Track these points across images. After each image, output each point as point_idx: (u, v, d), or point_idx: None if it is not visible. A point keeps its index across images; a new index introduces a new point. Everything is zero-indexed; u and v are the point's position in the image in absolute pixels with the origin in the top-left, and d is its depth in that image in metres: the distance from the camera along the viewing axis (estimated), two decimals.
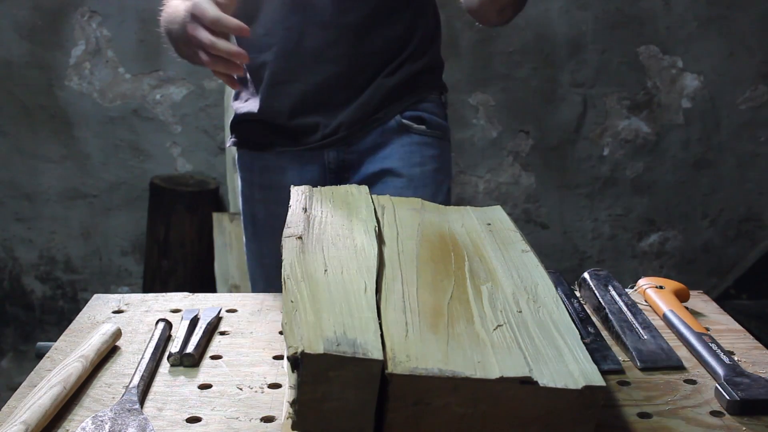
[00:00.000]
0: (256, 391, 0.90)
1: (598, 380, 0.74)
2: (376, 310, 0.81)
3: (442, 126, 1.55)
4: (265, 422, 0.84)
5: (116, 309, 1.13)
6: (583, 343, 0.81)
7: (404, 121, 1.50)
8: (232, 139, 1.62)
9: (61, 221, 3.10)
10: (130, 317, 1.10)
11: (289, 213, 1.08)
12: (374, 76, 1.48)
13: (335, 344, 0.72)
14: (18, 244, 3.12)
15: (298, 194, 1.15)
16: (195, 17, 1.21)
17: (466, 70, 3.01)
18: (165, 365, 0.96)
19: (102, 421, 0.81)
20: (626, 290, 1.17)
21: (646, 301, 1.17)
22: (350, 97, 1.48)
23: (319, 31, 1.43)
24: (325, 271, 0.89)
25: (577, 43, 3.02)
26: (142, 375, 0.90)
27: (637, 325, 1.05)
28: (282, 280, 0.89)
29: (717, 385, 0.90)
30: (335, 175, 1.51)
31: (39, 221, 3.10)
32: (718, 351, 0.97)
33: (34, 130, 3.00)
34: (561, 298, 0.91)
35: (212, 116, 3.02)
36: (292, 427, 0.73)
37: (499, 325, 0.82)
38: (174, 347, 0.98)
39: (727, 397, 0.87)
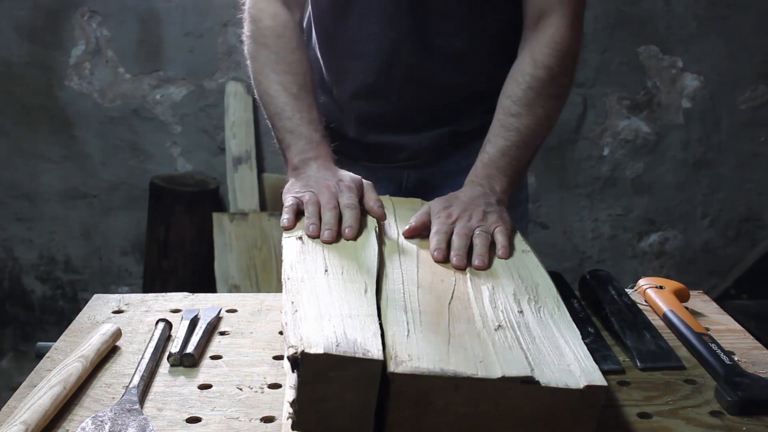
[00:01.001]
0: (256, 391, 0.90)
1: (599, 380, 0.74)
2: (376, 310, 0.81)
3: None
4: (265, 422, 0.84)
5: (116, 309, 1.13)
6: (584, 343, 0.81)
7: None
8: None
9: (61, 221, 3.10)
10: (130, 317, 1.10)
11: None
12: (467, 104, 1.38)
13: (335, 344, 0.72)
14: (18, 244, 3.12)
15: None
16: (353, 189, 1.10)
17: None
18: (165, 365, 0.96)
19: (102, 421, 0.81)
20: (626, 290, 1.17)
21: (646, 301, 1.17)
22: (435, 120, 1.39)
23: (414, 52, 1.32)
24: (325, 271, 0.89)
25: None
26: (142, 375, 0.90)
27: (637, 325, 1.05)
28: (282, 280, 0.89)
29: (717, 385, 0.90)
30: (411, 194, 1.39)
31: (39, 221, 3.09)
32: (718, 351, 0.97)
33: (34, 130, 3.00)
34: (561, 298, 0.91)
35: (212, 116, 3.02)
36: (292, 427, 0.73)
37: (500, 325, 0.82)
38: (174, 347, 0.97)
39: (727, 397, 0.87)
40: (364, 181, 1.14)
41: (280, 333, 1.04)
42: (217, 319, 1.08)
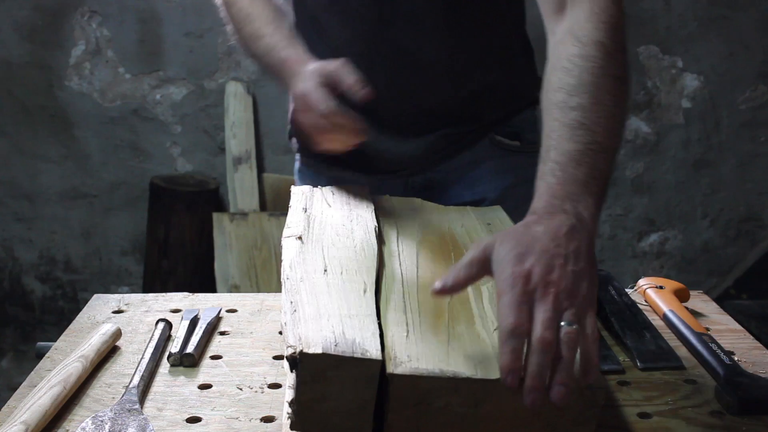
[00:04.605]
0: (256, 391, 0.90)
1: (599, 380, 0.74)
2: (375, 311, 0.81)
3: (537, 140, 1.41)
4: (265, 422, 0.84)
5: (116, 309, 1.13)
6: None
7: (497, 137, 1.35)
8: (297, 144, 1.45)
9: (61, 221, 3.10)
10: (130, 317, 1.10)
11: (289, 213, 1.08)
12: (455, 88, 1.31)
13: (334, 344, 0.72)
14: (18, 244, 3.12)
15: (298, 194, 1.15)
16: (305, 107, 1.13)
17: None
18: (165, 365, 0.96)
19: (102, 421, 0.81)
20: (626, 290, 1.17)
21: (646, 301, 1.17)
22: (430, 118, 1.33)
23: (407, 27, 1.25)
24: (325, 271, 0.89)
25: None
26: (142, 375, 0.90)
27: (637, 325, 1.05)
28: (282, 280, 0.89)
29: (717, 385, 0.90)
30: (418, 194, 1.31)
31: (39, 221, 3.09)
32: (718, 351, 0.97)
33: (34, 130, 3.00)
34: None
35: (212, 116, 3.02)
36: (291, 427, 0.73)
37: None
38: (174, 347, 0.97)
39: (728, 397, 0.87)
40: (327, 67, 1.14)
41: (280, 333, 1.04)
42: (217, 319, 1.08)
